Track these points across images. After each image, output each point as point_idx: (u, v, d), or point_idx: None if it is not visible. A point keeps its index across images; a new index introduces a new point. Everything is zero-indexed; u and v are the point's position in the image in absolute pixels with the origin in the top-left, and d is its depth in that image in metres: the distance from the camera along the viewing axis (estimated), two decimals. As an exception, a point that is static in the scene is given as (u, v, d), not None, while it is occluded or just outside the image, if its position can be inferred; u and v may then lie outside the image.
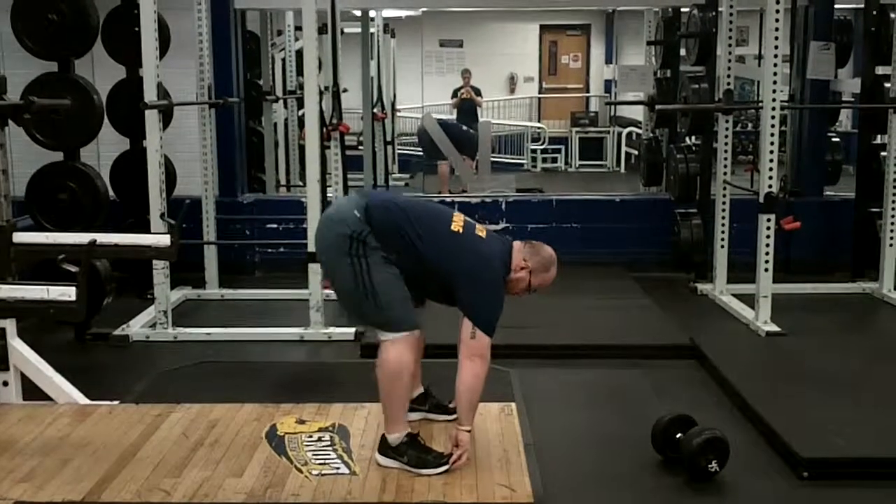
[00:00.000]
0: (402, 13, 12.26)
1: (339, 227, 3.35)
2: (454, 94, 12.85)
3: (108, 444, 3.63)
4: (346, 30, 8.33)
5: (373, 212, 3.35)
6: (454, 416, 3.81)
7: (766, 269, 5.69)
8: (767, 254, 5.69)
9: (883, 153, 6.82)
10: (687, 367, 5.08)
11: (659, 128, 8.25)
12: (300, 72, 9.10)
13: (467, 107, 12.50)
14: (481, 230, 3.54)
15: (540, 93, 16.76)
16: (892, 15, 6.67)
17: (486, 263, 3.42)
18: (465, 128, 10.39)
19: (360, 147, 9.89)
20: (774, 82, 5.63)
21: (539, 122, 15.73)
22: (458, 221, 3.49)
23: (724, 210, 6.60)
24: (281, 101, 9.62)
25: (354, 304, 3.39)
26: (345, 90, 6.75)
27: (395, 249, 3.34)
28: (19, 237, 4.00)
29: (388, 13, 11.46)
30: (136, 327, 5.70)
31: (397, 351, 3.34)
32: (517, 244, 3.58)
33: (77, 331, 5.59)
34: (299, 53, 8.71)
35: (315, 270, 5.56)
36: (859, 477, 3.64)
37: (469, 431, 3.42)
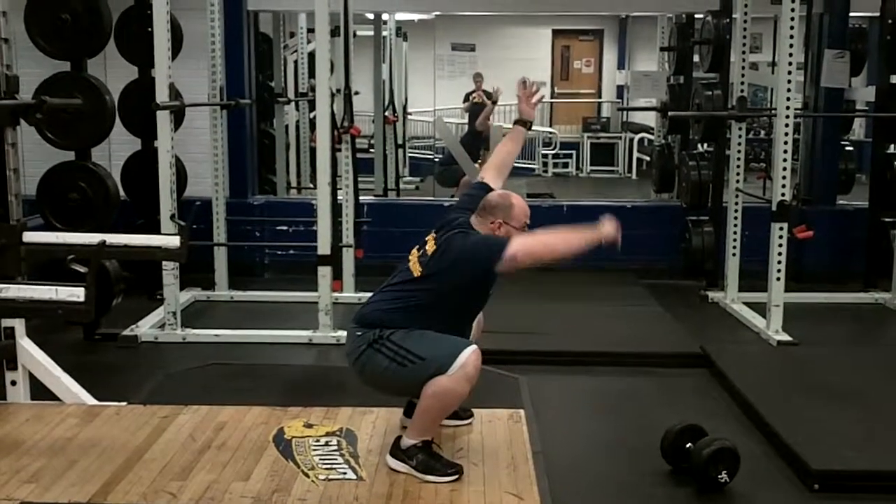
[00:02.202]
0: (415, 16, 12.22)
1: (357, 350, 3.41)
2: (466, 98, 12.82)
3: (115, 446, 3.62)
4: (358, 32, 8.31)
5: (367, 319, 3.42)
6: (466, 422, 3.81)
7: (779, 278, 5.66)
8: (780, 262, 5.65)
9: (897, 162, 6.81)
10: (697, 375, 5.05)
11: (671, 134, 8.21)
12: (312, 74, 9.10)
13: (478, 111, 12.48)
14: (430, 244, 3.50)
15: (552, 97, 16.72)
16: (908, 24, 6.63)
17: (461, 241, 3.42)
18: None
19: (371, 150, 9.88)
20: (788, 90, 5.60)
21: (550, 126, 15.69)
22: (414, 266, 3.47)
23: (736, 218, 6.57)
24: (292, 103, 9.62)
25: (406, 379, 3.35)
26: (356, 93, 6.75)
27: (415, 321, 3.37)
28: (29, 236, 3.99)
29: (401, 16, 11.45)
30: (145, 328, 5.70)
31: (454, 382, 3.28)
32: (473, 218, 3.57)
33: (86, 331, 5.60)
34: (311, 55, 8.71)
35: (324, 273, 5.56)
36: (870, 490, 3.61)
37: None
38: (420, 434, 3.38)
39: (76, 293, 3.52)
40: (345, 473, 3.39)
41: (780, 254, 5.66)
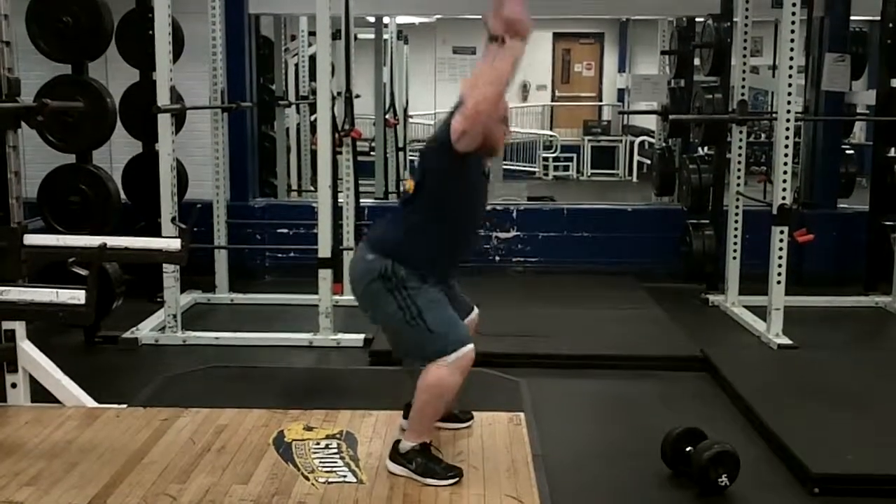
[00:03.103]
0: (416, 20, 12.25)
1: (366, 278, 3.35)
2: (466, 101, 12.80)
3: (115, 449, 3.62)
4: (359, 35, 8.33)
5: (378, 244, 3.38)
6: (464, 426, 3.81)
7: (779, 282, 5.66)
8: (780, 266, 5.65)
9: (897, 166, 6.81)
10: (697, 379, 5.04)
11: (672, 137, 8.22)
12: (313, 77, 9.10)
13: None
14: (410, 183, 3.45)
15: (552, 101, 16.73)
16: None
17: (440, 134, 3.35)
18: None
19: (372, 153, 9.89)
20: (789, 93, 5.60)
21: (551, 130, 15.70)
22: (408, 183, 3.45)
23: (736, 221, 6.56)
24: (293, 106, 9.61)
25: (405, 336, 3.35)
26: (357, 96, 6.75)
27: (420, 238, 3.31)
28: (30, 239, 3.99)
29: (402, 19, 11.45)
30: (146, 330, 5.70)
31: (448, 371, 3.28)
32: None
33: (86, 333, 5.59)
34: (312, 59, 8.72)
35: (325, 276, 5.56)
36: (870, 494, 3.60)
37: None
38: (418, 435, 3.38)
39: (77, 296, 3.52)
40: (345, 476, 3.39)
41: (780, 257, 5.66)
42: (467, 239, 3.61)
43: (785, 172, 5.62)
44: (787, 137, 5.62)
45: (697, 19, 7.53)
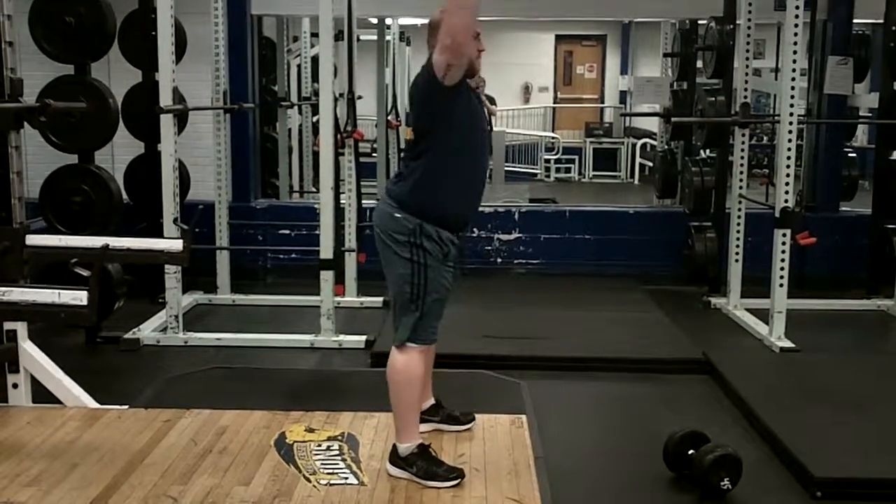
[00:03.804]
0: (419, 21, 12.24)
1: (390, 238, 3.33)
2: (468, 103, 12.81)
3: (116, 450, 3.62)
4: (362, 37, 8.32)
5: (403, 196, 3.31)
6: (466, 427, 3.81)
7: (781, 285, 5.65)
8: (782, 269, 5.65)
9: (900, 169, 6.80)
10: (700, 381, 5.04)
11: (674, 140, 8.22)
12: (315, 78, 9.07)
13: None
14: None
15: (554, 102, 16.74)
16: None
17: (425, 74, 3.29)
18: None
19: (374, 154, 9.87)
20: (792, 96, 5.60)
21: (553, 131, 15.70)
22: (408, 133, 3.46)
23: (738, 224, 6.56)
24: (296, 108, 9.62)
25: (401, 302, 3.36)
26: (360, 97, 6.74)
27: (440, 178, 3.28)
28: (32, 239, 3.99)
29: (405, 21, 11.45)
30: (147, 331, 5.70)
31: (409, 358, 3.34)
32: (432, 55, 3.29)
33: (88, 334, 5.59)
34: (315, 60, 8.70)
35: (326, 277, 5.55)
36: (873, 498, 3.60)
37: None
38: (407, 433, 3.38)
39: (78, 296, 3.52)
40: (346, 478, 3.38)
41: (782, 260, 5.65)
42: (478, 175, 3.52)
43: (787, 175, 5.61)
44: (789, 140, 5.61)
45: (700, 22, 7.53)
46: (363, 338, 5.56)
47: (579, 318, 6.16)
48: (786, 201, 5.62)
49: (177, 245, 4.04)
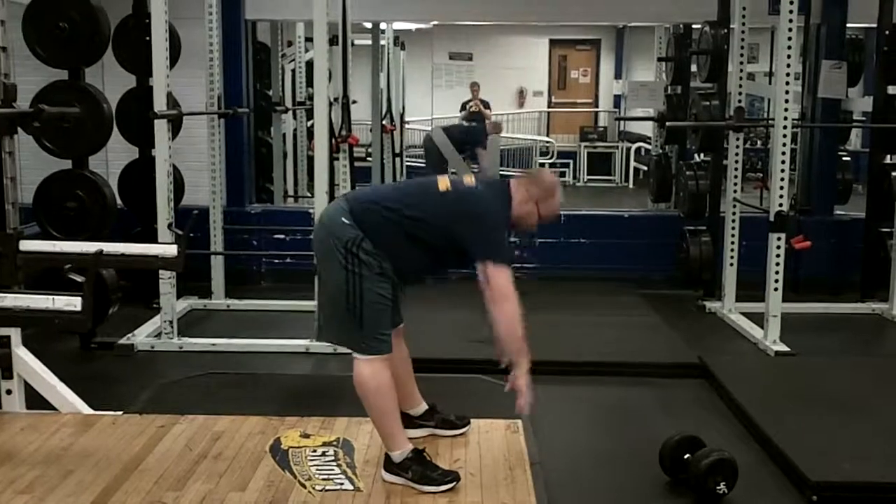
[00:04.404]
0: (413, 26, 12.25)
1: (332, 239, 3.31)
2: (463, 107, 12.83)
3: (111, 456, 3.61)
4: (356, 41, 8.32)
5: (358, 213, 3.32)
6: (461, 431, 3.80)
7: (776, 288, 5.66)
8: (777, 272, 5.65)
9: (894, 173, 6.81)
10: (695, 386, 5.04)
11: (669, 144, 8.23)
12: (310, 83, 9.09)
13: (476, 120, 12.47)
14: (469, 179, 3.52)
15: (549, 107, 16.75)
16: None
17: (481, 203, 3.38)
18: (465, 124, 10.49)
19: (369, 159, 9.88)
20: (786, 100, 5.61)
21: (547, 136, 15.72)
22: (443, 181, 3.46)
23: (733, 228, 6.57)
24: (290, 112, 9.62)
25: (337, 315, 3.34)
26: (354, 102, 6.74)
27: (393, 241, 3.30)
28: (26, 245, 3.98)
29: (399, 26, 11.46)
30: (142, 337, 5.69)
31: (372, 368, 3.31)
32: (514, 180, 3.54)
33: (82, 340, 5.58)
34: (309, 64, 8.72)
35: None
36: (869, 502, 3.61)
37: (526, 370, 3.38)
38: (395, 441, 3.37)
39: (73, 302, 3.52)
40: (342, 484, 3.37)
41: (777, 264, 5.66)
42: (435, 268, 3.60)
43: (782, 179, 5.63)
44: (783, 144, 5.62)
45: (694, 26, 7.55)
46: (358, 343, 5.55)
47: (574, 323, 6.16)
48: (780, 205, 5.63)
49: (171, 250, 4.03)
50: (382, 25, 10.03)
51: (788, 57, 5.59)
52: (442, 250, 3.40)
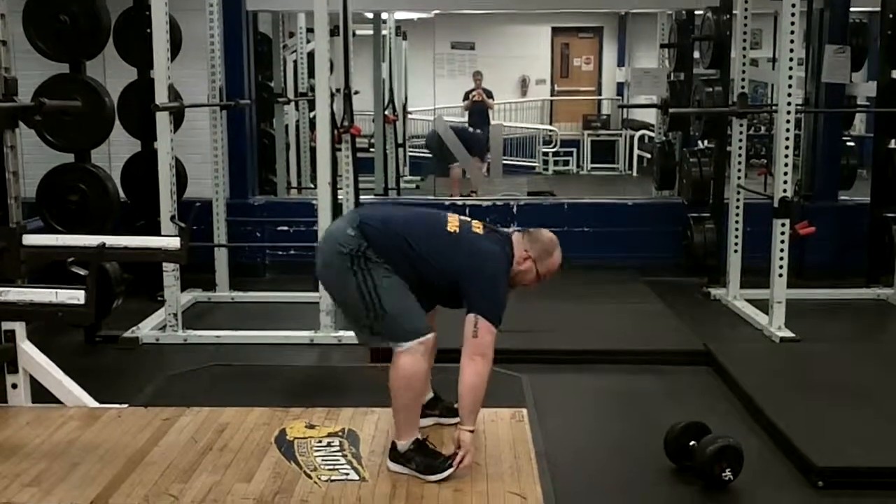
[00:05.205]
0: (415, 15, 12.22)
1: (337, 247, 3.32)
2: (466, 97, 12.81)
3: (117, 448, 3.62)
4: (357, 32, 8.30)
5: (366, 229, 3.33)
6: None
7: (781, 275, 5.65)
8: (782, 259, 5.64)
9: (898, 157, 6.79)
10: (700, 373, 5.04)
11: (672, 131, 8.20)
12: (312, 74, 9.09)
13: (478, 109, 12.46)
14: (478, 227, 3.51)
15: (552, 95, 16.70)
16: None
17: (486, 256, 3.38)
18: (471, 130, 10.46)
19: (372, 149, 9.87)
20: (789, 86, 5.59)
21: (551, 124, 15.68)
22: (453, 222, 3.46)
23: (737, 214, 6.55)
24: (292, 103, 9.60)
25: (363, 318, 3.33)
26: (356, 92, 6.71)
27: (395, 261, 3.31)
28: (29, 239, 3.97)
29: (400, 15, 11.44)
30: (146, 330, 5.69)
31: (412, 359, 3.30)
32: (516, 235, 3.55)
33: (87, 333, 5.58)
34: (311, 55, 8.70)
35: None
36: (875, 487, 3.59)
37: (472, 432, 3.36)
38: (406, 431, 3.37)
39: (76, 296, 3.51)
40: (347, 474, 3.38)
41: (781, 250, 5.64)
42: (429, 301, 3.54)
43: (786, 165, 5.61)
44: (787, 130, 5.60)
45: (697, 12, 7.51)
46: (363, 333, 5.55)
47: (579, 311, 6.15)
48: (784, 191, 5.61)
49: (175, 243, 4.03)
50: (384, 15, 10.02)
51: (791, 42, 5.57)
52: (438, 288, 3.42)
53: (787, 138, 5.60)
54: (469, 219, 3.55)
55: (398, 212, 3.52)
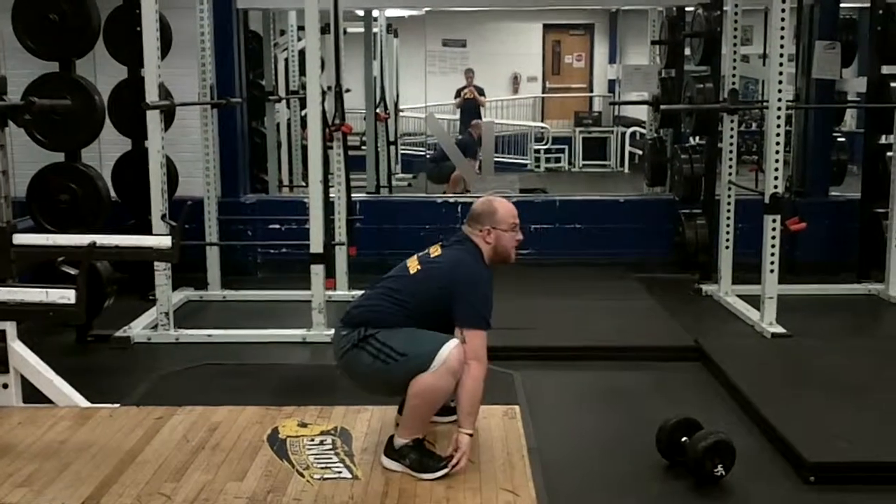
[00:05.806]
0: (406, 13, 12.22)
1: (342, 349, 3.43)
2: (457, 94, 12.82)
3: (109, 448, 3.61)
4: (349, 29, 8.29)
5: (353, 319, 3.44)
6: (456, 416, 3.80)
7: (772, 270, 5.66)
8: (773, 254, 5.66)
9: (889, 153, 6.81)
10: (692, 369, 5.05)
11: (663, 128, 8.22)
12: (303, 72, 9.06)
13: (470, 106, 12.48)
14: (436, 251, 3.56)
15: (543, 92, 16.74)
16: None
17: (452, 269, 3.43)
18: (458, 136, 10.55)
19: (363, 147, 9.86)
20: (780, 82, 5.60)
21: (542, 121, 15.70)
22: (413, 265, 3.52)
23: (728, 210, 6.56)
24: (283, 102, 9.60)
25: (390, 376, 3.34)
26: (347, 90, 6.72)
27: (394, 319, 3.39)
28: (19, 238, 3.96)
29: (392, 13, 11.44)
30: (138, 329, 5.68)
31: (433, 378, 3.29)
32: (465, 228, 3.60)
33: (78, 332, 5.57)
34: (302, 53, 8.68)
35: (317, 271, 5.54)
36: (866, 482, 3.60)
37: (470, 435, 3.38)
38: (411, 433, 3.38)
39: (67, 295, 3.50)
40: (340, 473, 3.38)
41: (773, 246, 5.66)
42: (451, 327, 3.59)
43: (776, 161, 5.62)
44: (778, 126, 5.61)
45: (688, 9, 7.52)
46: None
47: (570, 308, 6.16)
48: (775, 187, 5.62)
49: (166, 242, 4.02)
50: (375, 13, 10.01)
51: (782, 38, 5.58)
52: (434, 322, 3.41)
53: (778, 134, 5.61)
54: (426, 250, 3.59)
55: (369, 291, 3.56)
